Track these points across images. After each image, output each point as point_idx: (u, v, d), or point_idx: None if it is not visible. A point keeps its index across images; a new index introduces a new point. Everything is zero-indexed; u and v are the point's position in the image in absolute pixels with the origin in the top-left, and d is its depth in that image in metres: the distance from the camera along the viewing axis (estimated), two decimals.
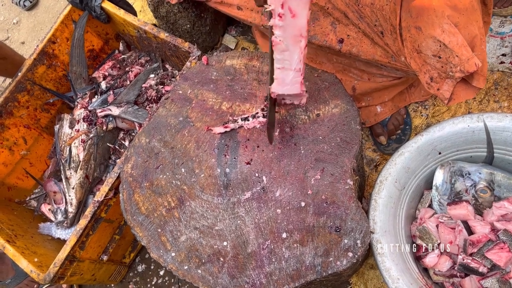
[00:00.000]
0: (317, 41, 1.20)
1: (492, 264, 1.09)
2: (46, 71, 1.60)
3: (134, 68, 1.67)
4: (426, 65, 0.97)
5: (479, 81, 0.94)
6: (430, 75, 0.97)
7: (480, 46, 0.93)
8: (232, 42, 1.94)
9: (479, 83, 0.94)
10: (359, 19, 1.11)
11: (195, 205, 1.12)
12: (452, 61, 0.91)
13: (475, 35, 0.92)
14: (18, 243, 1.36)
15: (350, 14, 1.12)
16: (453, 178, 1.19)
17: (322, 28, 1.19)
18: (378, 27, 1.09)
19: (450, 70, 0.93)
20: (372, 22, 1.10)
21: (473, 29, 0.92)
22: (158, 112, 1.26)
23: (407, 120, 1.60)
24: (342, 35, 1.16)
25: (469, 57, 0.90)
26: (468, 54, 0.90)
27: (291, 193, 1.06)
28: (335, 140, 1.10)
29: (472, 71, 0.91)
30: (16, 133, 1.61)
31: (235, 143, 1.15)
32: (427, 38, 0.93)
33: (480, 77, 0.94)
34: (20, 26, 2.58)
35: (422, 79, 1.00)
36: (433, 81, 0.97)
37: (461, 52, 0.90)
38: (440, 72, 0.95)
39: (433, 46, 0.93)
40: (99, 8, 1.52)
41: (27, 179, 1.68)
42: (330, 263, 1.00)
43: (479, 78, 0.94)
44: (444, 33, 0.91)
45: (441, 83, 0.96)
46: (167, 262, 1.09)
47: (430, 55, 0.94)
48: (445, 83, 0.96)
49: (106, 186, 1.29)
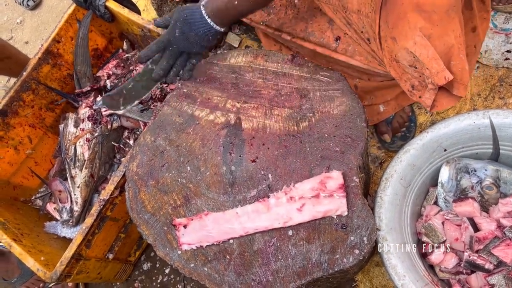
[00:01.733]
0: (315, 38, 1.20)
1: (499, 261, 1.09)
2: (50, 70, 1.60)
3: (138, 67, 1.67)
4: (405, 73, 0.97)
5: (459, 90, 0.93)
6: (411, 83, 0.97)
7: (458, 55, 0.91)
8: (235, 40, 1.94)
9: (459, 92, 0.93)
10: (346, 25, 1.11)
11: (201, 203, 1.12)
12: (424, 72, 0.91)
13: (452, 45, 0.90)
14: (24, 241, 1.37)
15: (337, 21, 1.13)
16: (459, 175, 1.18)
17: (319, 25, 1.19)
18: (365, 33, 1.09)
19: (426, 80, 0.92)
20: (359, 29, 1.09)
21: (449, 40, 0.90)
22: (163, 110, 1.26)
23: (412, 117, 1.60)
24: (340, 33, 1.16)
25: (439, 70, 0.89)
26: (439, 67, 0.89)
27: None
28: (341, 137, 1.10)
29: (441, 84, 0.90)
30: (21, 132, 1.61)
31: (240, 141, 1.15)
32: (401, 49, 0.92)
33: (460, 85, 0.93)
34: (24, 25, 2.59)
35: (404, 87, 0.99)
36: (414, 89, 0.97)
37: (431, 65, 0.89)
38: (420, 80, 0.94)
39: (408, 57, 0.92)
40: (103, 7, 1.53)
41: (33, 178, 1.69)
42: (336, 260, 1.00)
43: (459, 87, 0.93)
44: (416, 45, 0.90)
45: (423, 91, 0.96)
46: (173, 260, 1.09)
47: (407, 65, 0.94)
48: (427, 91, 0.95)
49: (112, 184, 1.29)
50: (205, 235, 1.08)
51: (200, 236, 1.08)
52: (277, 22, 1.31)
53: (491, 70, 1.59)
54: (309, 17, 1.23)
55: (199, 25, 1.11)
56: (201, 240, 1.08)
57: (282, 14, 1.29)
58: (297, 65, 1.22)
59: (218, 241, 1.08)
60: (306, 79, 1.20)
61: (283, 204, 1.05)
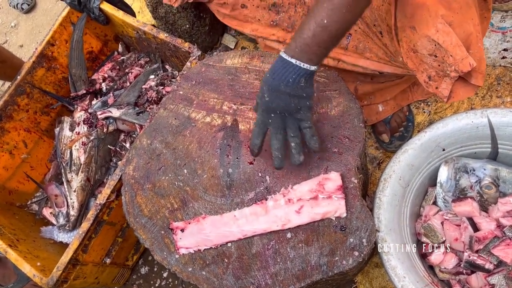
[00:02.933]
0: None
1: (499, 260, 1.08)
2: (45, 74, 1.59)
3: (134, 69, 1.66)
4: (423, 64, 0.96)
5: (477, 79, 0.93)
6: (428, 74, 0.96)
7: (477, 44, 0.92)
8: (231, 41, 1.93)
9: (478, 81, 0.93)
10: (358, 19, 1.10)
11: (198, 206, 1.11)
12: (447, 60, 0.90)
13: (471, 33, 0.91)
14: (20, 247, 1.35)
15: None
16: (458, 174, 1.18)
17: None
18: (377, 27, 1.08)
19: (447, 69, 0.92)
20: (372, 22, 1.09)
21: (468, 27, 0.91)
22: (159, 113, 1.25)
23: (409, 117, 1.60)
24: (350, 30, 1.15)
25: (463, 57, 0.89)
26: (463, 53, 0.89)
27: None
28: (339, 138, 1.09)
29: (466, 71, 0.90)
30: (16, 137, 1.60)
31: (237, 143, 1.14)
32: (422, 38, 0.92)
33: (478, 74, 0.93)
34: (18, 29, 2.57)
35: (420, 78, 0.99)
36: (431, 79, 0.97)
37: (455, 52, 0.89)
38: (437, 70, 0.94)
39: (428, 46, 0.92)
40: (97, 9, 1.51)
41: (28, 182, 1.67)
42: (336, 262, 0.99)
43: (477, 76, 0.93)
44: (438, 32, 0.89)
45: (439, 81, 0.95)
46: (171, 264, 1.08)
47: (426, 54, 0.93)
48: (443, 81, 0.95)
49: (108, 188, 1.28)
50: (203, 238, 1.07)
51: (198, 239, 1.07)
52: (288, 21, 1.27)
53: (488, 69, 1.59)
54: None
55: (284, 73, 0.93)
56: (198, 244, 1.07)
57: (292, 12, 1.27)
58: None
59: (216, 245, 1.06)
60: None
61: (281, 206, 1.04)
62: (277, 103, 0.94)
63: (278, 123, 0.97)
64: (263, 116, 0.98)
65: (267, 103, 0.96)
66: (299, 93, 0.94)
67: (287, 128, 0.98)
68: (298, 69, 0.92)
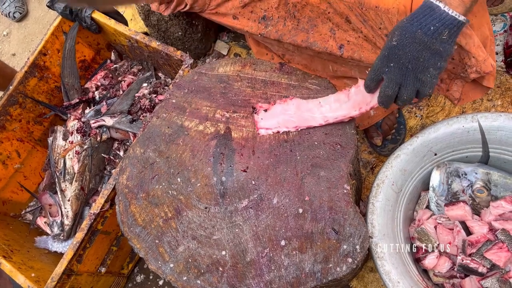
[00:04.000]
0: (317, 48, 1.19)
1: (492, 264, 1.09)
2: (38, 84, 1.59)
3: (127, 77, 1.66)
4: None
5: (489, 81, 0.95)
6: (440, 77, 0.97)
7: (490, 47, 0.94)
8: (224, 48, 1.94)
9: (489, 83, 0.95)
10: (362, 22, 1.09)
11: (192, 215, 1.11)
12: (467, 62, 0.91)
13: (487, 36, 0.93)
14: (14, 258, 1.35)
15: (353, 17, 1.09)
16: (450, 179, 1.19)
17: (321, 35, 1.18)
18: (382, 30, 1.09)
19: (462, 71, 0.93)
20: (377, 25, 1.08)
21: (484, 31, 0.93)
22: (152, 122, 1.25)
23: (400, 120, 1.61)
24: (342, 41, 1.15)
25: (485, 58, 0.90)
26: (484, 55, 0.90)
27: (288, 200, 1.06)
28: (331, 145, 1.09)
29: (488, 71, 0.91)
30: (9, 147, 1.59)
31: (230, 151, 1.14)
32: None
33: (491, 77, 0.95)
34: (11, 37, 2.56)
35: None
36: (442, 82, 0.98)
37: (478, 53, 0.90)
38: (449, 73, 0.95)
39: None
40: (89, 18, 1.52)
41: (22, 192, 1.66)
42: (330, 269, 0.99)
43: (489, 78, 0.95)
44: (461, 35, 0.89)
45: (450, 84, 0.97)
46: (165, 273, 1.08)
47: None
48: (454, 84, 0.96)
49: (102, 198, 1.28)
50: (286, 119, 1.10)
51: (280, 120, 1.11)
52: (275, 34, 1.28)
53: None
54: (309, 28, 1.22)
55: (427, 19, 0.79)
56: (279, 125, 1.10)
57: (281, 26, 1.27)
58: (286, 73, 1.22)
59: (297, 127, 1.10)
60: (294, 87, 1.20)
61: (361, 91, 1.02)
62: (405, 51, 0.81)
63: (395, 77, 0.85)
64: (381, 62, 0.86)
65: (393, 48, 0.83)
66: (437, 46, 0.80)
67: (402, 87, 0.85)
68: (445, 16, 0.79)
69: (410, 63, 0.81)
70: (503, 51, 1.58)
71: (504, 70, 1.57)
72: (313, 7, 1.17)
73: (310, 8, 1.19)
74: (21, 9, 2.52)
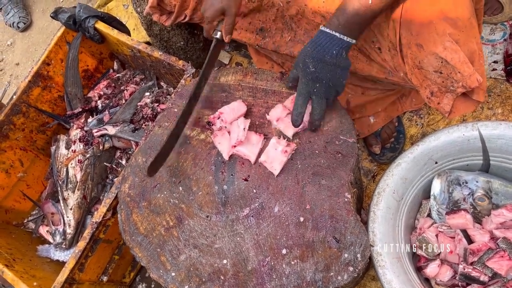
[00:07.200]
0: None
1: (493, 272, 1.08)
2: (41, 93, 1.60)
3: (129, 86, 1.67)
4: (426, 80, 0.99)
5: (479, 95, 0.96)
6: (431, 90, 0.99)
7: (479, 61, 0.95)
8: (226, 57, 1.95)
9: (479, 97, 0.96)
10: None
11: (194, 223, 1.11)
12: (454, 76, 0.93)
13: (474, 50, 0.94)
14: (16, 267, 1.35)
15: None
16: (451, 187, 1.19)
17: None
18: (375, 43, 1.10)
19: (451, 85, 0.94)
20: (370, 39, 1.11)
21: (472, 45, 0.94)
22: (154, 131, 1.26)
23: (400, 129, 1.61)
24: None
25: (471, 73, 0.92)
26: (470, 70, 0.92)
27: (289, 209, 1.06)
28: (331, 153, 1.10)
29: (474, 87, 0.93)
30: (12, 156, 1.60)
31: (232, 160, 1.15)
32: (429, 55, 0.94)
33: (480, 91, 0.96)
34: (15, 47, 2.59)
35: (423, 94, 1.02)
36: (433, 95, 0.99)
37: (463, 69, 0.92)
38: (440, 86, 0.96)
39: (435, 63, 0.94)
40: (92, 29, 1.53)
41: (25, 201, 1.67)
42: (331, 278, 0.99)
43: (478, 92, 0.96)
44: (446, 50, 0.92)
45: (441, 97, 0.98)
46: (167, 282, 1.08)
47: (431, 71, 0.96)
48: (445, 97, 0.98)
49: (104, 206, 1.28)
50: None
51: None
52: (272, 46, 1.30)
53: None
54: (306, 39, 1.23)
55: (329, 46, 1.02)
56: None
57: (278, 38, 1.29)
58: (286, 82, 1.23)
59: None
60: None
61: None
62: (324, 73, 1.03)
63: (321, 92, 1.05)
64: (308, 85, 1.05)
65: (313, 73, 1.03)
66: (342, 64, 1.03)
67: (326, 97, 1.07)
68: (341, 42, 1.01)
69: (330, 79, 1.04)
70: (503, 60, 1.59)
71: (504, 78, 1.58)
72: (309, 20, 1.19)
73: (307, 21, 1.21)
74: (25, 19, 2.55)
